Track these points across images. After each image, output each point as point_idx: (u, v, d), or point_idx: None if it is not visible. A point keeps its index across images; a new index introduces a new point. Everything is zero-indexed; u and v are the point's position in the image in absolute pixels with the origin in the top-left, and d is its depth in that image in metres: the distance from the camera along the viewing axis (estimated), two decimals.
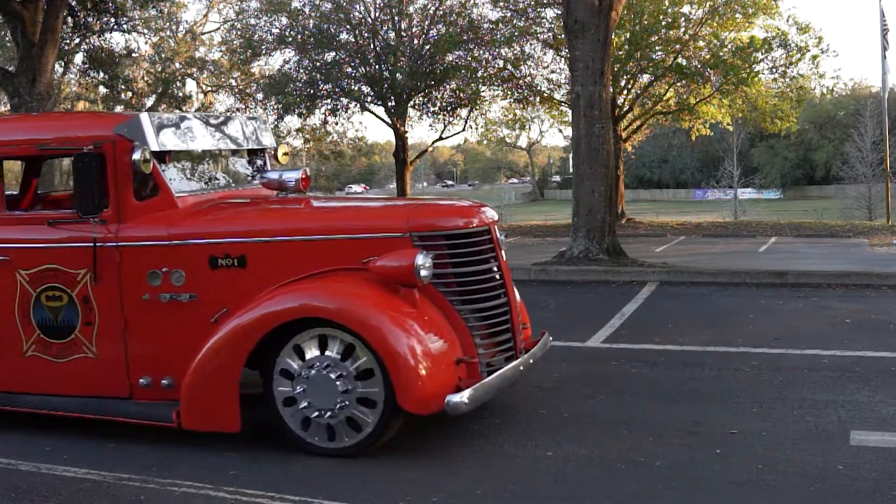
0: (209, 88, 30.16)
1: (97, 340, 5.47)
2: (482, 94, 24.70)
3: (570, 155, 23.78)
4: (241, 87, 27.32)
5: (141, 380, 5.39)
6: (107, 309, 5.43)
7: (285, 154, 6.85)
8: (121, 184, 5.41)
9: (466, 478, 4.68)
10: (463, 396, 4.78)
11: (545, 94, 24.32)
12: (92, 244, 5.38)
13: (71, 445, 5.45)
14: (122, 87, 25.50)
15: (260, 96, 25.23)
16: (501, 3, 22.77)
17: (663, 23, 21.55)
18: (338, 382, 4.90)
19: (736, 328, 8.45)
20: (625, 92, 23.55)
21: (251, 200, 6.04)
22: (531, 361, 5.54)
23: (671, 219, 30.61)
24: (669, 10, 21.65)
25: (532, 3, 22.34)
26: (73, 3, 17.28)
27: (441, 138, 27.29)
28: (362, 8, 24.21)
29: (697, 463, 4.81)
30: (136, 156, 5.31)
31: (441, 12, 24.01)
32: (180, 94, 28.55)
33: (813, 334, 8.09)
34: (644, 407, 5.87)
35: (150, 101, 28.45)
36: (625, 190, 29.40)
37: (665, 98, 24.11)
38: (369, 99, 24.87)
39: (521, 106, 25.81)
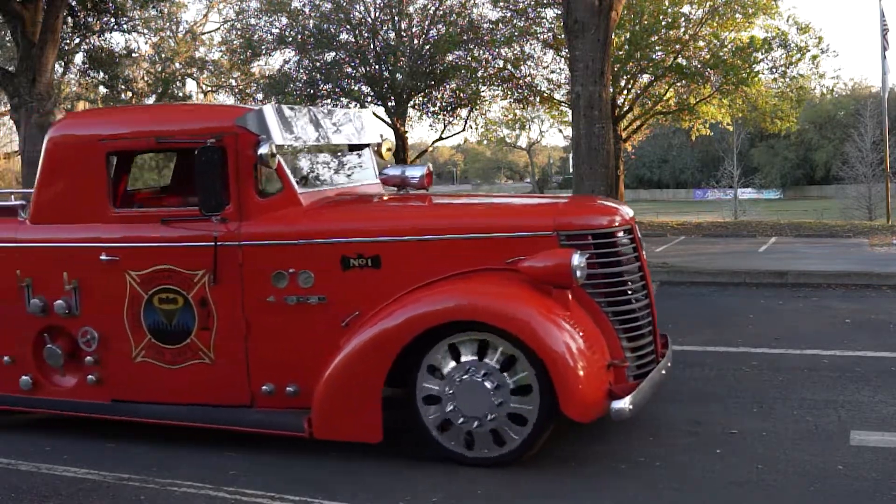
0: (209, 88, 30.13)
1: (215, 345, 5.19)
2: (482, 94, 24.69)
3: (570, 155, 23.74)
4: (241, 87, 27.30)
5: (264, 387, 5.12)
6: (227, 312, 5.15)
7: (389, 150, 6.55)
8: (242, 179, 5.11)
9: (466, 478, 4.67)
10: (626, 402, 4.60)
11: (545, 94, 24.30)
12: (212, 243, 5.10)
13: (71, 445, 5.45)
14: (122, 87, 25.45)
15: (260, 96, 25.20)
16: (501, 3, 22.75)
17: (663, 23, 21.53)
18: (493, 393, 4.68)
19: (736, 328, 8.45)
20: (625, 92, 23.53)
21: (378, 197, 5.79)
22: (669, 365, 5.38)
23: (671, 219, 30.58)
24: (669, 10, 21.63)
25: (532, 3, 22.33)
26: (73, 3, 17.27)
27: (441, 138, 27.29)
28: (362, 8, 24.19)
29: (697, 463, 4.81)
30: (263, 150, 5.01)
31: (441, 12, 24.00)
32: (180, 94, 28.54)
33: (813, 334, 8.09)
34: (644, 407, 5.86)
35: (150, 101, 28.43)
36: (625, 190, 29.34)
37: (665, 98, 24.09)
38: (369, 99, 24.86)
39: (521, 106, 25.78)
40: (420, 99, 25.05)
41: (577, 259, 4.71)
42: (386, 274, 4.97)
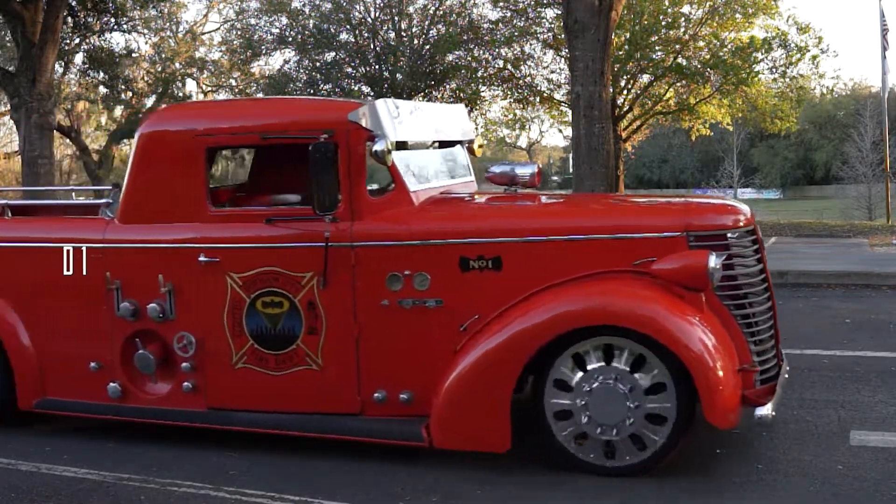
0: (209, 88, 30.16)
1: (324, 351, 4.94)
2: (482, 94, 24.72)
3: (570, 155, 23.73)
4: (241, 87, 27.34)
5: (375, 394, 4.88)
6: (337, 316, 4.91)
7: (480, 147, 6.36)
8: (354, 177, 4.88)
9: (466, 478, 4.67)
10: (769, 409, 4.53)
11: (545, 94, 24.31)
12: (323, 244, 4.85)
13: (71, 445, 5.44)
14: (122, 87, 25.54)
15: (260, 96, 25.23)
16: (501, 3, 22.77)
17: (663, 23, 21.55)
18: (628, 396, 4.50)
19: None
20: (625, 92, 23.54)
21: (486, 196, 5.62)
22: (788, 369, 5.28)
23: None
24: (669, 10, 21.64)
25: (532, 3, 22.35)
26: (73, 3, 17.30)
27: None
28: (362, 8, 24.22)
29: (698, 463, 4.81)
30: (379, 147, 4.81)
31: (441, 12, 24.02)
32: (180, 95, 28.57)
33: (813, 334, 8.08)
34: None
35: (150, 101, 28.46)
36: (625, 190, 29.37)
37: (665, 98, 24.09)
38: (369, 99, 24.88)
39: (521, 106, 25.80)
40: (420, 99, 25.06)
41: (713, 261, 4.55)
42: (507, 276, 4.76)
